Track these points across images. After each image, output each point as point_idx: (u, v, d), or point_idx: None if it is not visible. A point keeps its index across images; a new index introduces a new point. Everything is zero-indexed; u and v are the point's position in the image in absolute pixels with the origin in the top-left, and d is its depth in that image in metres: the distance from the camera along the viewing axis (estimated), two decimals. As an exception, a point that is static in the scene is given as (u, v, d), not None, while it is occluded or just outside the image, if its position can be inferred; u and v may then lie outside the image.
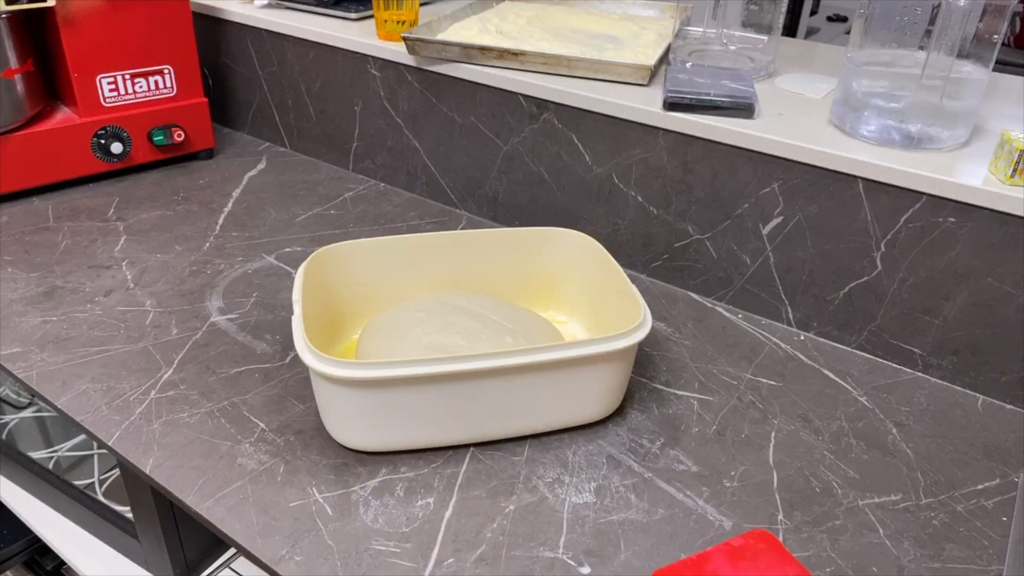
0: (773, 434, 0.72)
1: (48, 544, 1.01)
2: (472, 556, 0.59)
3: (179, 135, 1.16)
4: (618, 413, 0.73)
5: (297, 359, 0.79)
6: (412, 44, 1.01)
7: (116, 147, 1.10)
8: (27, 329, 0.81)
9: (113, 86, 1.08)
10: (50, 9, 1.00)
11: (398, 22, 1.06)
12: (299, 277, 0.71)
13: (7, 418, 1.15)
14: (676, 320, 0.89)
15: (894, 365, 0.83)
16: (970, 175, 0.74)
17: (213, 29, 1.26)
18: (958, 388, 0.80)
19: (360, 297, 0.81)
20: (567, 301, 0.85)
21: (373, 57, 1.08)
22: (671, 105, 0.86)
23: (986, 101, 0.93)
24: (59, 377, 0.74)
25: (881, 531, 0.63)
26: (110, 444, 0.67)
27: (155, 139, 1.14)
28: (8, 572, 1.21)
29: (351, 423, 0.65)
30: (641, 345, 0.78)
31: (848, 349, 0.85)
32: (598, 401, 0.70)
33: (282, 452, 0.67)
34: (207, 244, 0.99)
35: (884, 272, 0.80)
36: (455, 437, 0.68)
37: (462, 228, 1.06)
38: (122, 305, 0.86)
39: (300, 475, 0.65)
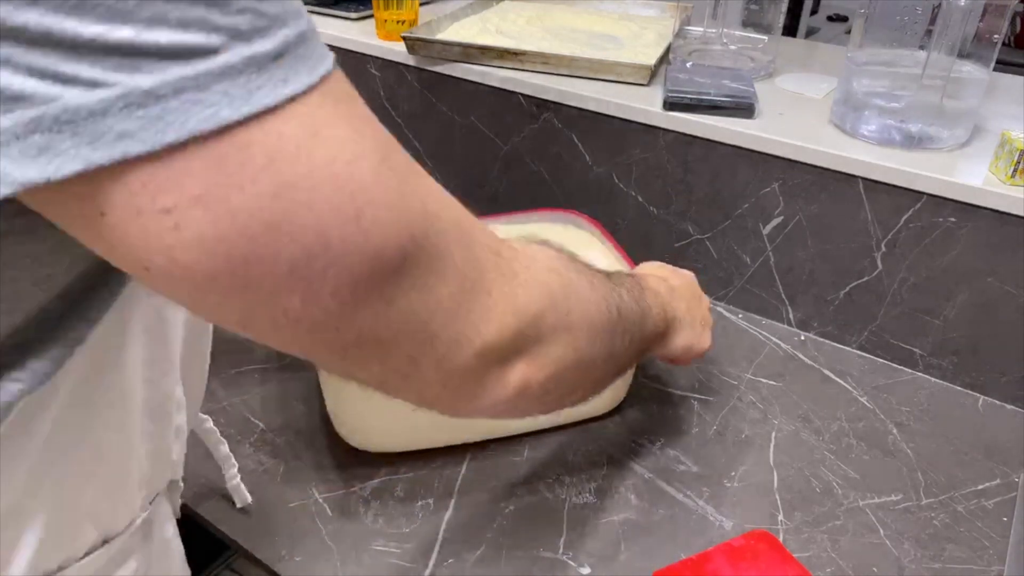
0: (773, 434, 0.72)
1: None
2: (472, 556, 0.59)
3: (179, 135, 1.15)
4: (618, 413, 0.73)
5: (297, 359, 0.78)
6: (412, 44, 1.01)
7: (116, 147, 1.10)
8: (27, 329, 0.80)
9: (113, 86, 1.08)
10: (50, 9, 0.99)
11: (398, 22, 1.06)
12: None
13: (7, 418, 1.15)
14: (676, 320, 0.89)
15: (894, 365, 0.83)
16: (970, 175, 0.74)
17: (213, 29, 1.26)
18: (958, 388, 0.80)
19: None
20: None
21: (373, 57, 1.08)
22: (671, 105, 0.86)
23: (986, 101, 0.93)
24: (59, 377, 0.74)
25: (881, 531, 0.63)
26: (110, 444, 0.67)
27: (155, 139, 1.13)
28: (8, 572, 1.21)
29: (365, 422, 0.65)
30: (641, 345, 0.78)
31: (848, 349, 0.85)
32: (598, 401, 0.70)
33: (282, 452, 0.67)
34: (207, 244, 0.99)
35: (884, 272, 0.80)
36: (455, 437, 0.68)
37: (462, 228, 1.06)
38: (122, 305, 0.85)
39: (300, 475, 0.65)
